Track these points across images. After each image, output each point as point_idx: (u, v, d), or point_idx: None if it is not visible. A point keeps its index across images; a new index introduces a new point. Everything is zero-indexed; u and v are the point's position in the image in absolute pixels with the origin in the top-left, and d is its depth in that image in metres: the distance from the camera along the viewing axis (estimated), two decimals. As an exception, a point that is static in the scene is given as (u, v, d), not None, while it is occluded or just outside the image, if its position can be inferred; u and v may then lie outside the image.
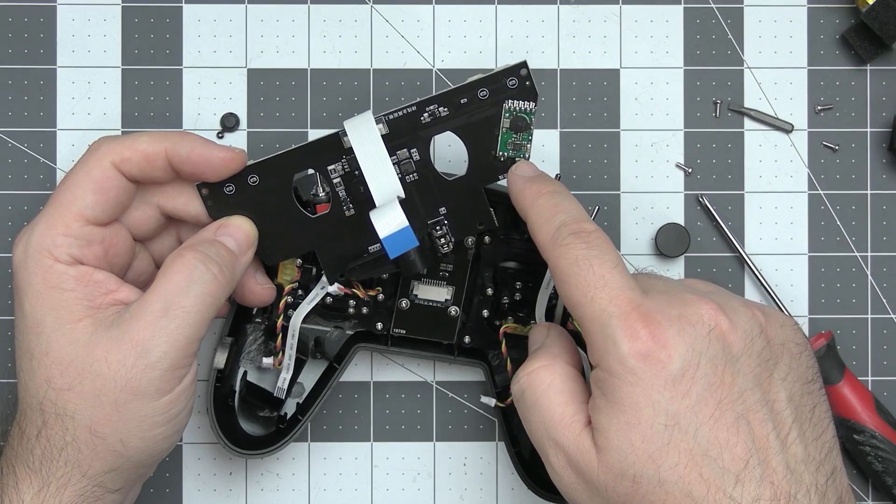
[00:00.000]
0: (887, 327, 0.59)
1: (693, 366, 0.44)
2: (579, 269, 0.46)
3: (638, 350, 0.44)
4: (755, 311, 0.46)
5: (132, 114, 0.59)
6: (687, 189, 0.59)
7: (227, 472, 0.59)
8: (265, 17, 0.59)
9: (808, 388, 0.46)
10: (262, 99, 0.59)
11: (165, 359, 0.47)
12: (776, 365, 0.45)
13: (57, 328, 0.47)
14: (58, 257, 0.48)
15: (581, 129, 0.59)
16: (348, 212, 0.52)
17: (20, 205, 0.58)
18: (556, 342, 0.50)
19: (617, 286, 0.45)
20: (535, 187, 0.49)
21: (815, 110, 0.60)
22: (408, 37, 0.59)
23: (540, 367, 0.48)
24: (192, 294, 0.47)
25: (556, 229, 0.47)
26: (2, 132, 0.59)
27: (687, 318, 0.44)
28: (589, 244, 0.46)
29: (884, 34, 0.57)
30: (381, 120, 0.51)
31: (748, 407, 0.44)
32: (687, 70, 0.59)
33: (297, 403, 0.57)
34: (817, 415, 0.46)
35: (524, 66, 0.51)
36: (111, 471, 0.48)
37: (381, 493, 0.59)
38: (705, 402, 0.43)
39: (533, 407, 0.47)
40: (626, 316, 0.44)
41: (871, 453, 0.57)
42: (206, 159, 0.50)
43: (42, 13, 0.59)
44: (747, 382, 0.44)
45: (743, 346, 0.45)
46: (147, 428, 0.47)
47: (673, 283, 0.48)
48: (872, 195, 0.59)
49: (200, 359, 0.58)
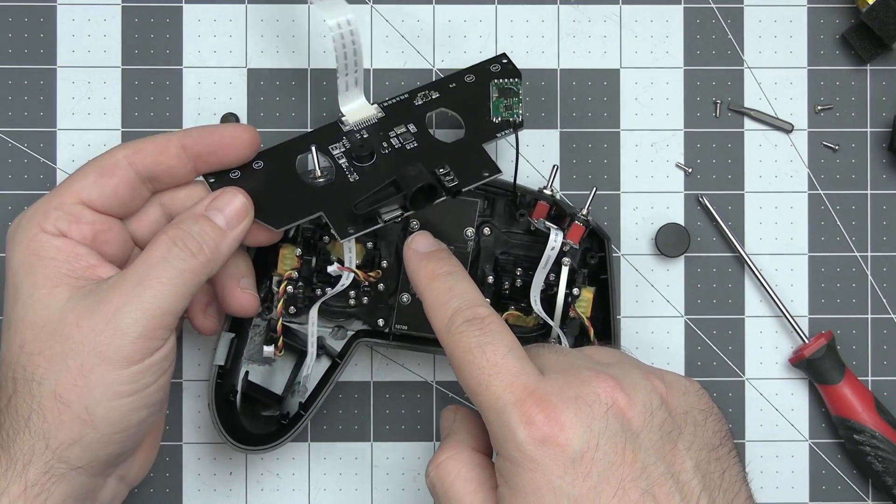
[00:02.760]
0: (887, 327, 0.59)
1: (592, 447, 0.43)
2: (473, 357, 0.45)
3: (534, 436, 0.43)
4: (655, 382, 0.46)
5: (132, 114, 0.59)
6: (687, 189, 0.59)
7: (227, 472, 0.59)
8: (265, 17, 0.59)
9: (716, 453, 0.45)
10: (262, 99, 0.59)
11: (136, 326, 0.46)
12: (680, 435, 0.45)
13: (33, 293, 0.48)
14: (44, 227, 0.49)
15: (581, 129, 0.59)
16: (352, 178, 0.52)
17: (20, 205, 0.58)
18: (462, 428, 0.49)
19: (510, 372, 0.45)
20: (431, 267, 0.49)
21: (815, 110, 0.60)
22: (408, 37, 0.59)
23: (446, 458, 0.47)
24: (168, 267, 0.47)
25: (451, 316, 0.47)
26: (2, 132, 0.59)
27: (584, 399, 0.44)
28: (483, 330, 0.46)
29: (884, 34, 0.57)
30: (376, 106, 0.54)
31: (653, 482, 0.43)
32: (687, 70, 0.59)
33: (299, 403, 0.57)
34: (727, 479, 0.45)
35: (504, 56, 0.55)
36: (75, 442, 0.46)
37: (381, 493, 0.59)
38: (607, 481, 0.43)
39: (443, 498, 0.47)
40: (521, 402, 0.44)
41: (871, 453, 0.57)
42: (219, 134, 0.51)
43: (42, 13, 0.59)
44: (650, 457, 0.44)
45: (643, 420, 0.44)
46: (112, 396, 0.46)
47: (572, 358, 0.47)
48: (872, 195, 0.59)
49: (199, 358, 0.59)
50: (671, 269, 0.59)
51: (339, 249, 0.54)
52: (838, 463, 0.59)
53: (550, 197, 0.54)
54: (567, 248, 0.54)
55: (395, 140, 0.53)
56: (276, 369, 0.57)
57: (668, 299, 0.59)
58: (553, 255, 0.53)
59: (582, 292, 0.55)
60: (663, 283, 0.59)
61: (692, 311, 0.59)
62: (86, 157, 0.58)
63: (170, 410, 0.58)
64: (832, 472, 0.59)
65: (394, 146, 0.53)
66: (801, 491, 0.59)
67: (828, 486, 0.59)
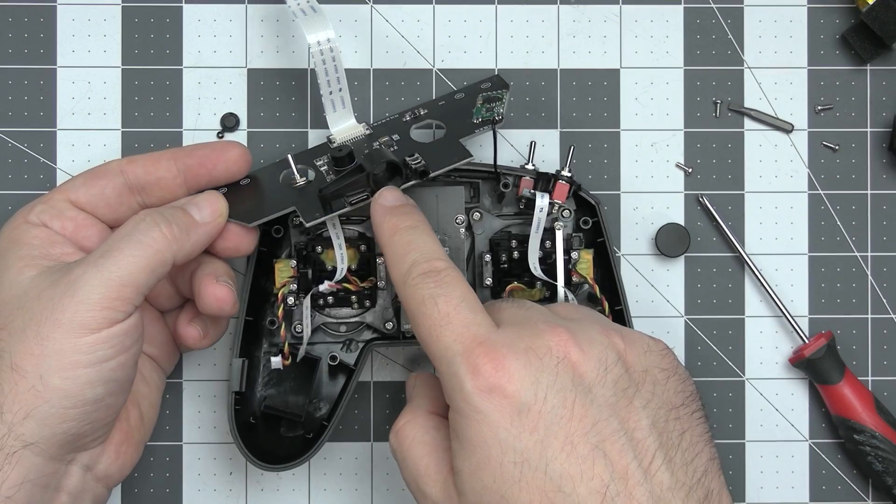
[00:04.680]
0: (887, 327, 0.59)
1: (540, 399, 0.42)
2: (426, 309, 0.45)
3: (480, 386, 0.43)
4: (614, 339, 0.45)
5: (132, 114, 0.59)
6: (687, 189, 0.59)
7: (227, 472, 0.59)
8: (265, 17, 0.59)
9: (676, 413, 0.45)
10: (262, 99, 0.59)
11: (93, 293, 0.46)
12: (637, 392, 0.44)
13: (3, 272, 0.49)
14: (28, 219, 0.51)
15: (581, 129, 0.59)
16: (329, 179, 0.53)
17: (20, 205, 0.58)
18: (420, 392, 0.49)
19: (462, 323, 0.44)
20: (394, 221, 0.49)
21: (815, 110, 0.60)
22: (408, 37, 0.59)
23: (403, 423, 0.48)
24: (131, 241, 0.48)
25: (408, 269, 0.47)
26: (2, 132, 0.59)
27: (534, 351, 0.43)
28: (438, 282, 0.46)
29: (884, 34, 0.57)
30: (364, 125, 0.55)
31: (604, 437, 0.42)
32: (687, 70, 0.59)
33: (321, 418, 0.57)
34: (687, 439, 0.44)
35: (497, 76, 0.56)
36: (29, 416, 0.45)
37: (381, 493, 0.59)
38: (554, 435, 0.42)
39: (402, 463, 0.47)
40: (469, 352, 0.43)
41: (871, 453, 0.57)
42: (210, 147, 0.52)
43: (42, 13, 0.59)
44: (602, 412, 0.43)
45: (596, 375, 0.44)
46: (68, 366, 0.46)
47: (532, 312, 0.47)
48: (872, 195, 0.59)
49: (200, 358, 0.59)
50: (671, 269, 0.59)
51: (332, 257, 0.54)
52: (838, 463, 0.59)
53: (533, 171, 0.55)
54: (556, 207, 0.54)
55: (377, 146, 0.54)
56: (293, 390, 0.57)
57: (668, 299, 0.59)
58: (543, 217, 0.53)
59: (581, 254, 0.55)
60: (663, 283, 0.59)
61: (692, 311, 0.59)
62: (86, 157, 0.58)
63: (169, 410, 0.58)
64: (832, 472, 0.59)
65: (374, 148, 0.54)
66: (801, 491, 0.59)
67: (828, 486, 0.59)
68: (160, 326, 0.55)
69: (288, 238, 0.55)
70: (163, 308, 0.55)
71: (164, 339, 0.55)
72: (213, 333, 0.55)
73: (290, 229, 0.55)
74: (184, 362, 0.59)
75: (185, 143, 0.59)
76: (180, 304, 0.55)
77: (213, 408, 0.59)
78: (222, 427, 0.59)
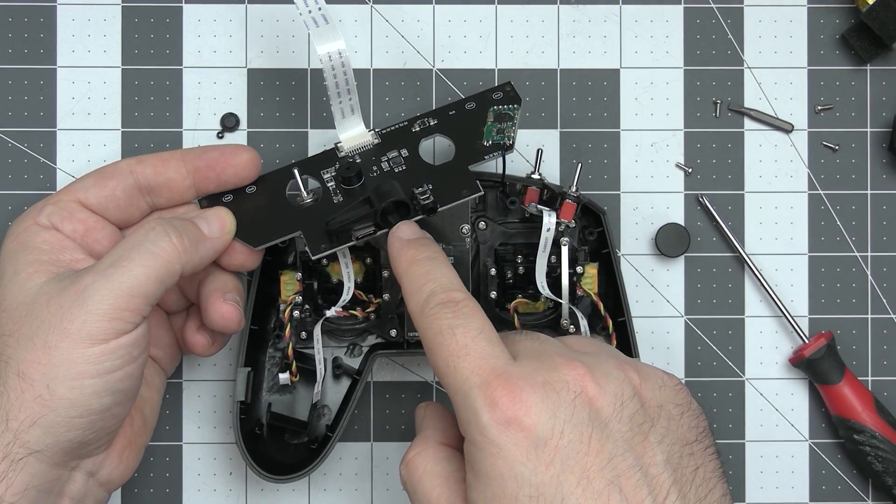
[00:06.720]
0: (887, 327, 0.59)
1: (557, 433, 0.42)
2: (443, 339, 0.45)
3: (498, 419, 0.42)
4: (630, 373, 0.45)
5: (132, 114, 0.59)
6: (687, 189, 0.59)
7: (227, 472, 0.59)
8: (265, 17, 0.59)
9: (690, 449, 0.45)
10: (262, 99, 0.59)
11: (102, 303, 0.46)
12: (652, 427, 0.44)
13: (13, 277, 0.48)
14: (37, 220, 0.50)
15: (581, 129, 0.59)
16: (336, 199, 0.53)
17: (20, 205, 0.58)
18: (430, 423, 0.49)
19: (479, 355, 0.44)
20: (411, 253, 0.49)
21: (815, 110, 0.60)
22: (408, 37, 0.59)
23: (413, 455, 0.47)
24: (141, 250, 0.47)
25: (426, 299, 0.46)
26: (2, 132, 0.59)
27: (551, 385, 0.43)
28: (456, 313, 0.45)
29: (884, 34, 0.57)
30: (373, 133, 0.54)
31: (619, 472, 0.42)
32: (687, 70, 0.59)
33: (325, 426, 0.57)
34: (701, 475, 0.44)
35: (509, 84, 0.55)
36: (35, 423, 0.46)
37: (381, 493, 0.59)
38: (570, 470, 0.42)
39: (413, 495, 0.46)
40: (486, 385, 0.43)
41: (871, 453, 0.57)
42: (220, 150, 0.52)
43: (42, 13, 0.59)
44: (618, 447, 0.43)
45: (612, 410, 0.43)
46: (75, 376, 0.46)
47: (547, 345, 0.47)
48: (872, 195, 0.59)
49: (199, 358, 0.58)
50: (671, 269, 0.59)
51: (338, 270, 0.54)
52: (838, 463, 0.59)
53: (539, 181, 0.55)
54: (562, 227, 0.54)
55: (385, 164, 0.53)
56: (299, 397, 0.57)
57: (668, 299, 0.59)
58: (550, 237, 0.53)
59: (585, 269, 0.55)
60: (663, 283, 0.59)
61: (692, 311, 0.59)
62: (86, 157, 0.58)
63: (169, 410, 0.58)
64: (832, 472, 0.59)
65: (383, 169, 0.53)
66: (801, 491, 0.59)
67: (828, 486, 0.59)
68: (165, 328, 0.55)
69: (293, 246, 0.55)
70: (169, 310, 0.55)
71: (169, 342, 0.55)
72: (220, 341, 0.55)
73: (296, 240, 0.55)
74: (184, 362, 0.59)
75: (185, 143, 0.59)
76: (186, 307, 0.55)
77: (213, 408, 0.59)
78: (222, 427, 0.59)
